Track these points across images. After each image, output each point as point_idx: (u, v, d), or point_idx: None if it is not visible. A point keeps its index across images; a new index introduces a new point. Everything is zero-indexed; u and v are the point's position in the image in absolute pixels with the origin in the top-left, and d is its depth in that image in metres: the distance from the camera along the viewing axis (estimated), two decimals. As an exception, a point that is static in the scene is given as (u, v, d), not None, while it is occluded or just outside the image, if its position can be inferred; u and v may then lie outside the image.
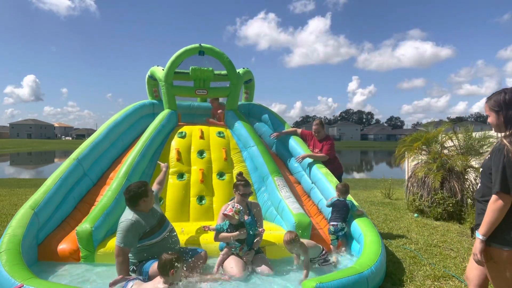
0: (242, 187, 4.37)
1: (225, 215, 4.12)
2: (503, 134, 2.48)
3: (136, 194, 3.81)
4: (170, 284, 3.25)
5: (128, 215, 3.80)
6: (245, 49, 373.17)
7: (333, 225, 4.88)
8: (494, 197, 2.37)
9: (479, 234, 2.41)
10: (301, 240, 4.04)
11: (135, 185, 3.88)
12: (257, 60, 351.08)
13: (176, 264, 3.26)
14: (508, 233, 2.36)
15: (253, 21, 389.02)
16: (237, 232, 4.06)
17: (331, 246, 4.82)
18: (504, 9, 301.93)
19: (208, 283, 3.70)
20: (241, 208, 4.14)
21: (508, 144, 2.35)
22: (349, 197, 5.16)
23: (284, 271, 4.07)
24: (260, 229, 4.24)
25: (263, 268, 4.03)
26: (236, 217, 4.06)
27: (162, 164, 4.99)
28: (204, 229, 4.15)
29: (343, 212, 4.91)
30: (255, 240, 4.22)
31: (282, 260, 4.41)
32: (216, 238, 4.17)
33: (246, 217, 4.21)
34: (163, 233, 3.91)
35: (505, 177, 2.33)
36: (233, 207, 4.10)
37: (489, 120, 2.55)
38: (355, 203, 5.06)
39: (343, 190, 5.08)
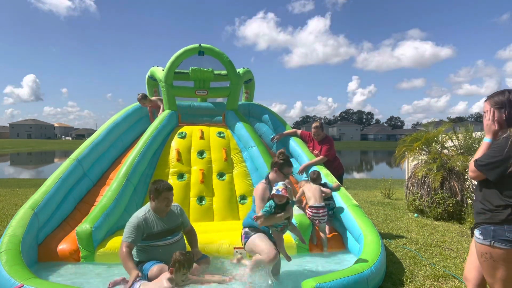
0: (287, 166, 3.97)
1: (277, 196, 3.65)
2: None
3: (150, 189, 3.85)
4: (175, 284, 3.27)
5: (140, 213, 3.82)
6: (244, 49, 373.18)
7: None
8: (473, 165, 2.47)
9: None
10: None
11: (161, 181, 3.87)
12: (256, 60, 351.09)
13: (179, 266, 3.28)
14: (510, 232, 2.36)
15: (252, 21, 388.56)
16: (284, 213, 3.66)
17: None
18: (502, 9, 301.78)
19: (211, 284, 3.70)
20: (290, 187, 3.84)
21: None
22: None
23: (283, 271, 4.07)
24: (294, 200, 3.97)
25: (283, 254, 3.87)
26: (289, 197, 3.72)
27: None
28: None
29: None
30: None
31: (282, 260, 4.41)
32: (265, 223, 3.69)
33: None
34: (168, 240, 3.87)
35: (493, 159, 2.38)
36: (286, 187, 3.69)
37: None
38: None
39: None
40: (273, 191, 3.67)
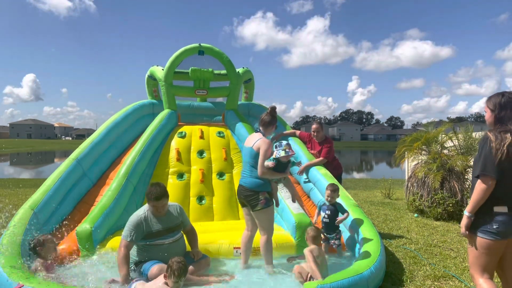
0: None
1: (286, 156, 3.89)
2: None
3: (146, 193, 3.89)
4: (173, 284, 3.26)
5: (140, 212, 3.87)
6: (242, 49, 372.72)
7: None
8: (479, 180, 2.72)
9: (466, 212, 2.79)
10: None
11: (155, 187, 3.85)
12: (255, 60, 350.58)
13: (178, 275, 3.22)
14: (491, 225, 2.70)
15: (250, 21, 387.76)
16: (286, 172, 4.07)
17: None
18: (501, 10, 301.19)
19: (210, 284, 3.70)
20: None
21: (491, 136, 2.73)
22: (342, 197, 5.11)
23: (284, 271, 4.07)
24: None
25: None
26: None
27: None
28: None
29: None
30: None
31: (282, 260, 4.40)
32: (267, 174, 3.92)
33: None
34: (168, 239, 3.87)
35: (485, 161, 2.69)
36: (291, 147, 3.96)
37: (486, 117, 2.90)
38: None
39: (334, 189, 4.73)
40: (281, 153, 3.89)
